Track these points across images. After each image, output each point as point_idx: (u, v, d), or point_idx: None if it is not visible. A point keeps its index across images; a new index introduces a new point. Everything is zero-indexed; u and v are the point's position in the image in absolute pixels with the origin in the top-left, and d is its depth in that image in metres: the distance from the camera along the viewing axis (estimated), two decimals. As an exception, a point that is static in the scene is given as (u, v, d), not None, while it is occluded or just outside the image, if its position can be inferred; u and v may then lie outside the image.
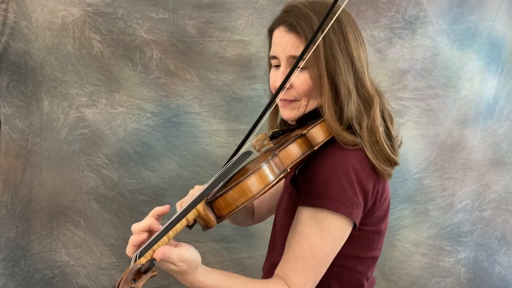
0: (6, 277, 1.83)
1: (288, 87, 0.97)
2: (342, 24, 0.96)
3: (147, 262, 0.71)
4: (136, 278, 0.70)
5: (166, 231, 0.76)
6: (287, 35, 0.97)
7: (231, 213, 0.82)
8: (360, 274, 1.04)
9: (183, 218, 0.79)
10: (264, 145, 0.94)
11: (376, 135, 0.95)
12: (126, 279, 0.69)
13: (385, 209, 1.04)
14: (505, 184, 2.04)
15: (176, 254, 0.76)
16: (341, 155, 0.93)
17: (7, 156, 1.79)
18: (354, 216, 0.92)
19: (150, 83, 1.80)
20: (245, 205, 0.82)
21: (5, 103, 1.76)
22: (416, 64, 1.88)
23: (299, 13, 0.96)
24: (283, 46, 0.97)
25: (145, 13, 1.74)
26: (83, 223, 1.85)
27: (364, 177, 0.93)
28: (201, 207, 0.81)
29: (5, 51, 1.72)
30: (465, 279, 2.06)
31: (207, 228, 0.84)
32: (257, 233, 1.92)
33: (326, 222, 0.91)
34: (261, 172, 0.83)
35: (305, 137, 0.94)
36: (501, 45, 1.92)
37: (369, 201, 0.95)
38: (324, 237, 0.92)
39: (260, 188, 0.83)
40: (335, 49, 0.94)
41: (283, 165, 0.88)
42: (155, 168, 1.85)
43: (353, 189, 0.91)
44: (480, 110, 1.96)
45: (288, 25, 0.97)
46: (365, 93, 0.97)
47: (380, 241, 1.06)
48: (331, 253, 0.94)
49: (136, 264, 0.72)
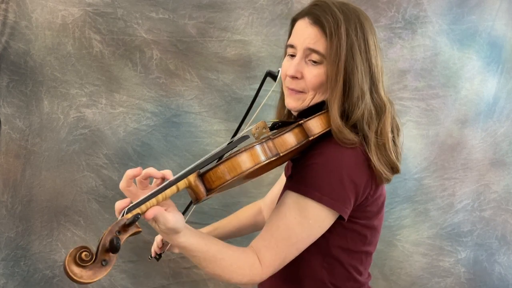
0: (6, 277, 1.83)
1: (299, 77, 0.99)
2: (365, 30, 0.98)
3: (132, 216, 0.76)
4: (121, 231, 0.76)
5: (155, 194, 0.81)
6: (310, 27, 0.98)
7: (219, 187, 0.85)
8: (352, 267, 1.05)
9: (174, 185, 0.84)
10: (263, 133, 0.95)
11: (385, 140, 0.97)
12: (112, 230, 0.75)
13: (379, 206, 1.05)
14: (505, 184, 2.04)
15: (162, 218, 0.81)
16: (335, 149, 0.95)
17: (7, 156, 1.79)
18: (339, 208, 0.94)
19: (150, 83, 1.80)
20: (234, 180, 0.85)
21: (5, 103, 1.76)
22: (416, 64, 1.88)
23: (328, 8, 0.97)
24: (304, 37, 0.98)
25: (145, 13, 1.74)
26: (83, 223, 1.85)
27: (356, 174, 0.95)
28: (192, 178, 0.85)
29: (5, 51, 1.72)
30: (465, 279, 2.06)
31: (197, 201, 0.87)
32: (257, 233, 1.91)
33: (308, 209, 0.94)
34: (253, 151, 0.87)
35: (301, 127, 0.95)
36: (501, 45, 1.92)
37: (360, 196, 0.97)
38: (302, 222, 0.94)
39: (250, 166, 0.86)
40: (356, 51, 0.96)
41: (277, 150, 0.91)
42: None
43: (341, 183, 0.93)
44: (480, 110, 1.96)
45: (313, 17, 0.98)
46: (379, 99, 0.99)
47: (374, 237, 1.08)
48: (306, 239, 0.96)
49: (123, 218, 0.77)
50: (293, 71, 0.98)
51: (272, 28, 1.78)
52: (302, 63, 0.99)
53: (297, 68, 0.98)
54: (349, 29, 0.95)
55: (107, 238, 0.74)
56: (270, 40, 1.79)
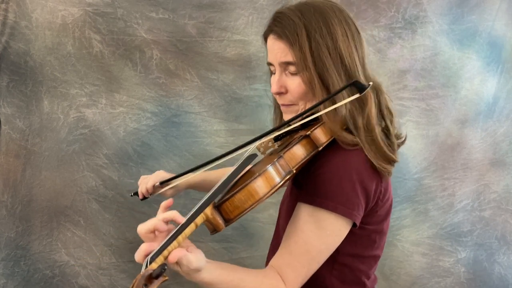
0: (6, 277, 1.83)
1: (284, 92, 1.00)
2: (330, 23, 0.95)
3: (158, 267, 0.71)
4: (148, 284, 0.71)
5: (175, 236, 0.77)
6: (276, 43, 0.98)
7: (239, 216, 0.83)
8: (361, 272, 1.05)
9: (192, 222, 0.79)
10: (269, 147, 0.94)
11: (372, 134, 0.95)
12: (138, 285, 0.70)
13: (388, 209, 1.04)
14: (505, 184, 2.04)
15: (186, 261, 0.78)
16: (343, 155, 0.94)
17: (7, 156, 1.79)
18: (353, 216, 0.93)
19: (150, 83, 1.80)
20: (252, 207, 0.83)
21: (5, 103, 1.76)
22: (416, 64, 1.88)
23: (285, 19, 0.97)
24: (274, 53, 0.99)
25: (145, 13, 1.74)
26: (83, 223, 1.85)
27: (366, 178, 0.93)
28: (209, 211, 0.81)
29: (5, 51, 1.72)
30: (465, 279, 2.06)
31: (215, 231, 0.84)
32: (257, 233, 1.92)
33: (323, 220, 0.92)
34: (267, 174, 0.84)
35: (309, 138, 0.94)
36: (501, 45, 1.93)
37: (371, 201, 0.96)
38: (320, 235, 0.93)
39: (267, 190, 0.84)
40: (322, 51, 0.94)
41: (289, 166, 0.89)
42: (155, 168, 1.85)
43: (353, 189, 0.92)
44: (480, 110, 1.96)
45: (275, 33, 0.98)
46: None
47: (382, 240, 1.07)
48: (325, 251, 0.95)
49: (148, 269, 0.73)
50: (275, 88, 0.99)
51: (272, 28, 1.78)
52: (283, 78, 0.99)
53: (279, 84, 0.99)
54: (311, 32, 0.94)
55: None
56: (270, 40, 1.79)
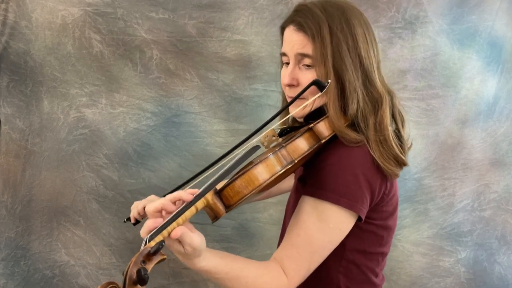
0: (6, 277, 1.83)
1: (295, 84, 1.00)
2: (352, 23, 0.97)
3: (156, 244, 0.74)
4: (146, 260, 0.74)
5: (175, 218, 0.79)
6: (295, 34, 0.99)
7: (239, 202, 0.84)
8: (368, 269, 1.05)
9: (192, 206, 0.81)
10: (272, 141, 0.95)
11: (385, 134, 0.95)
12: (136, 261, 0.73)
13: (394, 205, 1.04)
14: (505, 184, 2.04)
15: (189, 238, 0.78)
16: (348, 150, 0.94)
17: (7, 156, 1.79)
18: (357, 209, 0.93)
19: (150, 83, 1.80)
20: (252, 193, 0.84)
21: (5, 103, 1.76)
22: (416, 64, 1.88)
23: (308, 12, 0.97)
24: (292, 44, 0.99)
25: (145, 13, 1.74)
26: (83, 223, 1.85)
27: (370, 173, 0.94)
28: (210, 196, 0.83)
29: (5, 51, 1.72)
30: (465, 279, 2.06)
31: (216, 218, 0.85)
32: (257, 233, 1.92)
33: (326, 213, 0.93)
34: (268, 161, 0.86)
35: (312, 131, 0.95)
36: (501, 45, 1.92)
37: (375, 196, 0.96)
38: (322, 227, 0.93)
39: (267, 177, 0.85)
40: (342, 48, 0.95)
41: (291, 157, 0.90)
42: (155, 168, 1.85)
43: (357, 183, 0.92)
44: (480, 110, 1.96)
45: (296, 24, 0.99)
46: (374, 92, 0.98)
47: (389, 237, 1.07)
48: (328, 244, 0.95)
49: (146, 247, 0.75)
50: (288, 79, 0.99)
51: (272, 28, 1.78)
52: (296, 70, 1.00)
53: (292, 76, 0.99)
54: (333, 28, 0.95)
55: (133, 270, 0.72)
56: (270, 40, 1.79)
